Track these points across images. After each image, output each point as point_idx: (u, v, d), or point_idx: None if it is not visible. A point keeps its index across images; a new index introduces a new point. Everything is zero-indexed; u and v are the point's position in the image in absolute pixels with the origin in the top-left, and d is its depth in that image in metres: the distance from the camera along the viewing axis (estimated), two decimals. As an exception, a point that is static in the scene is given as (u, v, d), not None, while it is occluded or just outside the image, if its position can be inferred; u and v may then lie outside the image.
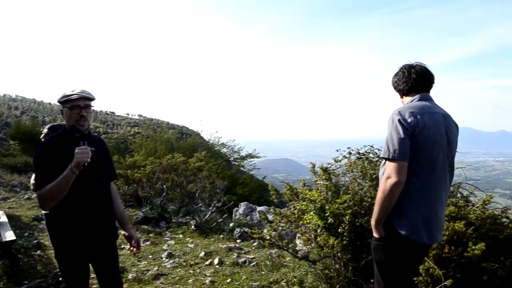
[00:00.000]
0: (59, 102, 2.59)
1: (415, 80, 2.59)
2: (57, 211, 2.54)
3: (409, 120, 2.41)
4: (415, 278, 3.17)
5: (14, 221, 7.62)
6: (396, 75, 2.71)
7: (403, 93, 2.69)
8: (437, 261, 3.08)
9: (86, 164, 2.42)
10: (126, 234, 2.95)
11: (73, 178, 2.41)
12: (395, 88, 2.73)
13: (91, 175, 2.62)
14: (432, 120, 2.46)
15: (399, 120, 2.41)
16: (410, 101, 2.61)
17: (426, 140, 2.41)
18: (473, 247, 3.00)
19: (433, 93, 2.66)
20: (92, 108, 2.62)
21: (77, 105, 2.53)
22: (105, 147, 2.87)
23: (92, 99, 2.60)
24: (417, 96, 2.60)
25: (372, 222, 2.53)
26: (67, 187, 2.42)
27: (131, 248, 2.98)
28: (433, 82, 2.64)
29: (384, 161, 2.52)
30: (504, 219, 3.68)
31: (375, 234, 2.55)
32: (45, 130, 4.23)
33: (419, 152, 2.40)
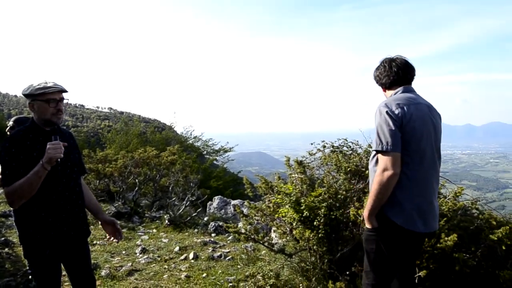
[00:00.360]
0: (30, 94, 2.45)
1: (396, 73, 2.61)
2: (27, 207, 2.43)
3: (396, 111, 2.42)
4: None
5: (-20, 218, 7.37)
6: (377, 69, 2.72)
7: (385, 86, 2.70)
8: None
9: (58, 159, 2.34)
10: (105, 221, 2.90)
11: (45, 174, 2.33)
12: (377, 82, 2.74)
13: (63, 170, 2.54)
14: (418, 111, 2.49)
15: (387, 112, 2.42)
16: (393, 94, 2.63)
17: (414, 130, 2.44)
18: (446, 238, 3.07)
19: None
20: (65, 100, 2.55)
21: (53, 98, 2.44)
22: (74, 141, 2.78)
23: (66, 91, 2.53)
24: (400, 88, 2.63)
25: (365, 213, 2.52)
26: (38, 183, 2.33)
27: (112, 238, 2.92)
28: (414, 74, 2.68)
29: (374, 153, 2.53)
30: (474, 211, 3.78)
31: (367, 225, 2.55)
32: (11, 123, 4.08)
33: (408, 143, 2.42)
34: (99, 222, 2.97)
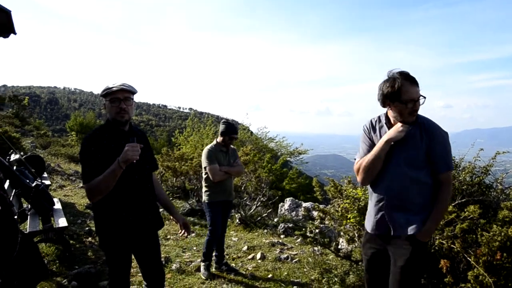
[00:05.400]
0: (101, 95, 2.63)
1: None
2: (103, 202, 2.59)
3: None
4: (462, 285, 3.03)
5: (69, 208, 7.98)
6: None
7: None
8: (487, 268, 2.90)
9: (134, 161, 2.46)
10: (176, 217, 3.02)
11: (120, 172, 2.45)
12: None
13: (136, 168, 2.65)
14: None
15: None
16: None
17: None
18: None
19: (485, 90, 2.74)
20: (132, 100, 2.63)
21: (116, 97, 2.55)
22: (147, 140, 2.91)
23: (132, 91, 2.60)
24: None
25: (434, 227, 2.57)
26: (114, 181, 2.47)
27: (181, 232, 3.02)
28: None
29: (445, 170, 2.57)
30: None
31: (426, 239, 2.54)
32: (222, 126, 4.64)
33: None
34: (172, 218, 3.10)
